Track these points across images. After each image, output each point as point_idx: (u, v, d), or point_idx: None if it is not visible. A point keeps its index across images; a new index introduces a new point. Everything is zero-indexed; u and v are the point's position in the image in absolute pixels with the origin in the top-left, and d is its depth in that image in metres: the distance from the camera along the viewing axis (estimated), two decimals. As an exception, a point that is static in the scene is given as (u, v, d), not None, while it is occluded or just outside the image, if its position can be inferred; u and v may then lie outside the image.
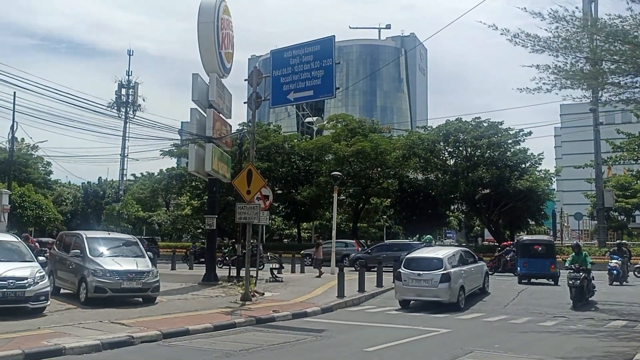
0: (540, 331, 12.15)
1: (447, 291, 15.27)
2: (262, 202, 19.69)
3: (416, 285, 15.65)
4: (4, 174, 38.94)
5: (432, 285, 15.39)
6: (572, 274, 15.56)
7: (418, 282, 15.62)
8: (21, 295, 11.96)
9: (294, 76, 17.01)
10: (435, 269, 15.54)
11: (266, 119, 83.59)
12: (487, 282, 19.20)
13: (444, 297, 15.33)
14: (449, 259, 16.11)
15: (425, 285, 15.51)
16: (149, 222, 59.98)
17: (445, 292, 15.28)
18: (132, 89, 67.58)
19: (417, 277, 15.62)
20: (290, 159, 47.12)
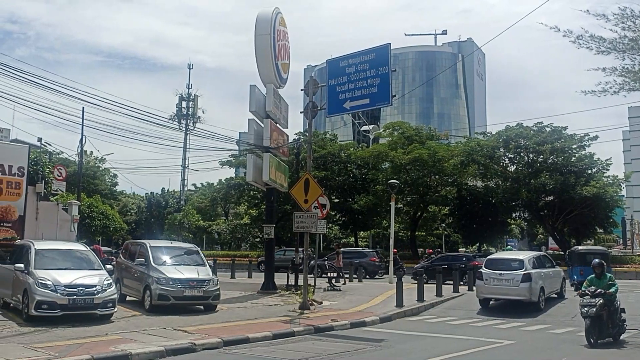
0: (611, 346, 11.56)
1: (528, 290, 15.96)
2: (319, 210, 19.75)
3: (497, 284, 16.39)
4: (73, 186, 40.72)
5: (513, 285, 16.12)
6: (586, 301, 11.37)
7: (499, 281, 16.34)
8: (90, 302, 12.43)
9: (349, 85, 17.03)
10: (517, 269, 16.33)
11: (322, 128, 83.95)
12: (565, 287, 19.59)
13: (525, 296, 15.98)
14: (530, 261, 16.84)
15: (506, 285, 16.25)
16: (209, 231, 61.25)
17: (526, 291, 15.96)
18: (192, 102, 69.58)
19: (498, 276, 16.37)
20: (347, 167, 47.12)
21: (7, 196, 25.95)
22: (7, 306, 14.04)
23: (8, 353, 8.78)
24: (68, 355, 8.81)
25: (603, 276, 11.75)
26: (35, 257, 13.10)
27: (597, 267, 11.83)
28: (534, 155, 37.71)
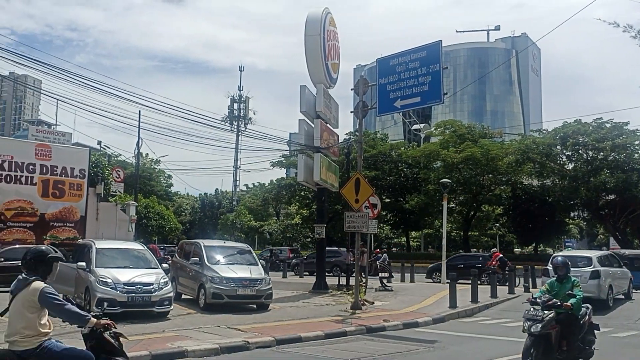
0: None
1: (596, 287, 15.85)
2: (370, 210, 19.66)
3: None
4: (131, 187, 42.06)
5: (581, 282, 15.47)
6: (531, 313, 8.32)
7: None
8: (147, 300, 12.79)
9: (400, 83, 16.88)
10: (585, 267, 16.20)
11: (372, 128, 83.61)
12: (632, 287, 19.31)
13: (594, 293, 15.67)
14: (598, 258, 16.74)
15: None
16: (261, 231, 62.07)
17: (595, 288, 15.82)
18: (244, 103, 70.54)
19: None
20: (398, 167, 46.80)
21: (69, 197, 27.09)
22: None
23: (71, 348, 9.13)
24: (127, 350, 9.03)
25: (566, 280, 8.74)
26: (96, 255, 13.57)
27: (560, 267, 8.73)
28: (594, 152, 36.43)
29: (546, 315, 8.16)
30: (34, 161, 26.06)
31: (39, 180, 26.10)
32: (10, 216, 25.31)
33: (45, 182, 26.30)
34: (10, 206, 25.29)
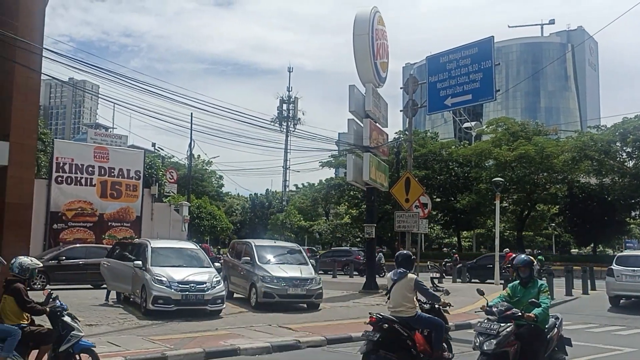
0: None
1: None
2: (420, 210, 19.44)
3: (630, 281, 16.00)
4: (184, 188, 43.06)
5: None
6: (484, 325, 6.89)
7: (632, 277, 15.93)
8: (201, 298, 13.04)
9: (450, 81, 16.67)
10: None
11: (422, 127, 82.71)
12: None
13: None
14: None
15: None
16: (310, 231, 62.35)
17: None
18: (293, 104, 71.14)
19: (631, 273, 15.94)
20: (448, 166, 46.12)
21: (125, 198, 27.99)
22: (128, 300, 15.07)
23: (129, 344, 9.42)
24: (182, 347, 9.29)
25: (531, 284, 7.17)
26: (151, 255, 13.94)
27: (523, 267, 7.23)
28: (656, 148, 34.86)
29: (503, 329, 6.59)
30: (93, 163, 27.07)
31: (97, 182, 27.09)
32: (71, 216, 26.37)
33: (103, 184, 27.28)
34: (71, 207, 26.36)
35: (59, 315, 6.83)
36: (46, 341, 6.72)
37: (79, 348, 6.92)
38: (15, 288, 6.82)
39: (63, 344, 6.77)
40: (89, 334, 10.40)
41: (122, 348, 9.05)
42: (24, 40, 13.81)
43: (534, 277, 7.30)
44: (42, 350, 6.70)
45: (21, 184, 14.67)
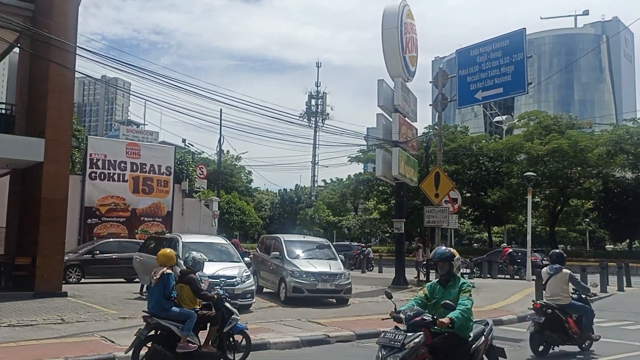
0: None
1: None
2: (450, 205, 19.26)
3: None
4: (213, 183, 43.47)
5: None
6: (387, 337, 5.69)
7: None
8: (231, 293, 13.11)
9: (481, 74, 16.44)
10: None
11: (452, 121, 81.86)
12: None
13: None
14: None
15: None
16: (339, 226, 62.35)
17: None
18: (321, 99, 71.13)
19: None
20: (479, 160, 45.54)
21: (157, 193, 28.42)
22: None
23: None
24: (213, 341, 9.40)
25: (451, 283, 6.04)
26: (182, 249, 14.11)
27: (441, 262, 6.10)
28: (695, 142, 33.83)
29: (409, 340, 5.32)
30: (125, 159, 27.56)
31: (129, 177, 27.58)
32: (105, 211, 26.89)
33: (135, 179, 27.75)
34: (105, 202, 26.90)
35: (223, 301, 8.07)
36: (214, 323, 7.94)
37: (237, 330, 8.23)
38: (191, 278, 7.96)
39: (226, 326, 8.00)
40: (121, 326, 10.63)
41: (155, 341, 9.18)
42: (59, 39, 14.10)
43: (454, 274, 6.00)
44: (211, 331, 7.89)
45: (56, 180, 15.04)
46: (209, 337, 7.87)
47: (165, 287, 7.64)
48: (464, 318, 5.63)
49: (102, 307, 13.09)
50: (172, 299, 7.70)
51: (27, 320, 10.80)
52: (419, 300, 6.09)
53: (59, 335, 9.58)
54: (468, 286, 5.99)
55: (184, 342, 7.43)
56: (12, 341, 8.90)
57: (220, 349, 7.92)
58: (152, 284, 7.77)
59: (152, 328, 7.50)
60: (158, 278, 7.68)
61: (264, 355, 9.09)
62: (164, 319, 7.50)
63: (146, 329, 7.49)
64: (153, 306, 7.63)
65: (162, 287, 7.64)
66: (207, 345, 7.79)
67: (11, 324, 10.38)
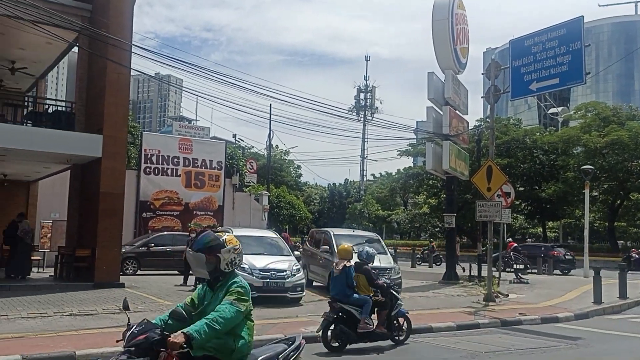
0: None
1: None
2: (503, 199, 18.83)
3: None
4: (263, 178, 43.98)
5: None
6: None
7: None
8: (281, 286, 13.31)
9: (536, 65, 15.91)
10: None
11: (504, 113, 79.95)
12: None
13: None
14: None
15: None
16: (388, 220, 61.97)
17: None
18: (370, 93, 70.72)
19: None
20: (533, 153, 44.34)
21: (208, 188, 29.00)
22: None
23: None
24: (264, 333, 9.52)
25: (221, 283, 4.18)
26: (234, 243, 14.33)
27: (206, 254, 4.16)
28: None
29: None
30: (178, 154, 28.23)
31: (182, 172, 28.24)
32: (159, 205, 27.65)
33: (187, 174, 28.40)
34: (159, 196, 27.65)
35: (389, 289, 9.42)
36: (384, 307, 9.27)
37: (400, 314, 9.52)
38: (365, 269, 9.38)
39: (393, 310, 9.34)
40: (177, 317, 10.90)
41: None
42: (116, 37, 14.54)
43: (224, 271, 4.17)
44: (382, 314, 9.24)
45: (114, 175, 15.56)
46: (380, 319, 9.22)
47: (347, 276, 9.03)
48: (209, 333, 3.73)
49: (158, 298, 13.48)
50: (352, 287, 9.04)
51: (87, 309, 11.24)
52: (183, 306, 4.23)
53: (117, 324, 9.92)
54: (239, 286, 4.08)
55: (363, 323, 8.80)
56: (74, 329, 9.28)
57: (388, 330, 9.29)
58: (335, 274, 9.20)
59: (336, 311, 8.88)
60: (340, 269, 9.08)
61: (315, 347, 9.15)
62: (346, 303, 8.89)
63: (332, 312, 8.88)
64: (337, 292, 9.07)
65: (344, 277, 9.03)
66: (379, 326, 9.16)
67: (73, 313, 10.82)
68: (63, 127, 16.00)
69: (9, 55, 18.75)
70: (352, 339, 8.85)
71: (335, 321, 8.85)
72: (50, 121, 16.57)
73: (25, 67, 19.62)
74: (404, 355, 9.01)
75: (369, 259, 9.59)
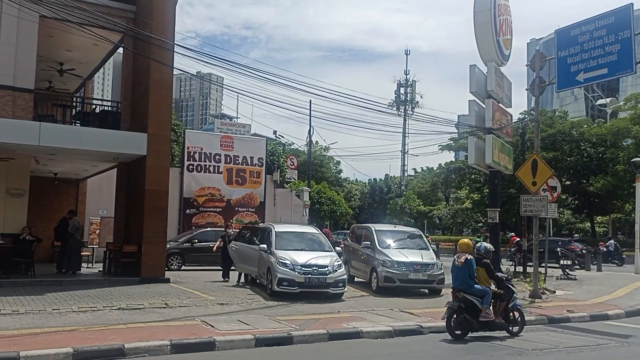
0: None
1: None
2: (549, 193, 18.39)
3: None
4: (304, 174, 44.11)
5: None
6: None
7: None
8: (323, 281, 13.34)
9: (583, 55, 15.42)
10: None
11: (549, 106, 77.98)
12: None
13: None
14: None
15: None
16: (430, 216, 61.32)
17: None
18: (410, 87, 70.09)
19: None
20: (580, 146, 43.10)
21: (250, 184, 29.30)
22: (254, 282, 15.81)
23: (257, 323, 9.89)
24: (307, 329, 9.58)
25: None
26: (275, 238, 14.47)
27: None
28: None
29: None
30: (219, 152, 28.63)
31: (224, 169, 28.64)
32: (202, 202, 28.11)
33: (229, 171, 28.77)
34: (202, 193, 28.12)
35: (507, 281, 10.18)
36: (502, 299, 9.82)
37: (515, 307, 10.08)
38: (485, 263, 10.01)
39: (510, 302, 9.93)
40: (220, 312, 11.08)
41: (251, 327, 9.51)
42: (159, 37, 14.82)
43: None
44: (500, 306, 9.82)
45: (158, 172, 15.90)
46: (498, 310, 9.80)
47: (469, 268, 9.66)
48: None
49: (202, 293, 13.71)
50: (474, 278, 9.68)
51: (134, 304, 11.53)
52: None
53: (163, 318, 10.14)
54: None
55: (484, 313, 9.50)
56: (122, 323, 9.53)
57: (505, 321, 9.87)
58: (457, 265, 9.76)
59: (459, 301, 9.53)
60: (463, 262, 9.69)
61: (357, 343, 9.15)
62: (469, 294, 9.55)
63: (456, 302, 9.57)
64: (459, 283, 9.69)
65: (466, 268, 9.65)
66: (497, 316, 9.75)
67: (121, 307, 11.12)
68: (109, 127, 16.43)
69: (57, 57, 19.38)
70: (474, 327, 9.46)
71: (458, 310, 9.47)
72: (97, 121, 17.05)
73: (73, 69, 20.25)
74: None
75: (487, 254, 10.24)
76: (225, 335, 8.72)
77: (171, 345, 8.03)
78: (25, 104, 15.21)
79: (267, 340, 8.77)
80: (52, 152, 15.38)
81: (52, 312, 10.37)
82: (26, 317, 9.85)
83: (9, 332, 8.45)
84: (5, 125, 13.70)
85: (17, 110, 15.00)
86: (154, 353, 7.83)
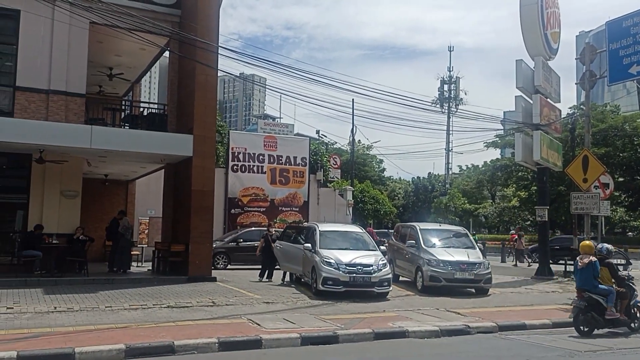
0: None
1: None
2: (601, 190, 17.80)
3: None
4: (347, 173, 44.09)
5: None
6: None
7: None
8: (368, 280, 13.30)
9: (636, 47, 14.95)
10: None
11: (600, 100, 75.60)
12: None
13: None
14: None
15: None
16: (475, 214, 60.30)
17: None
18: (454, 84, 69.12)
19: None
20: (633, 141, 41.61)
21: (293, 184, 29.48)
22: (299, 281, 15.89)
23: (303, 322, 9.94)
24: (352, 328, 9.57)
25: None
26: (319, 238, 14.51)
27: None
28: None
29: None
30: (263, 152, 28.91)
31: (267, 169, 28.90)
32: (247, 202, 28.46)
33: (273, 171, 29.02)
34: (246, 193, 28.47)
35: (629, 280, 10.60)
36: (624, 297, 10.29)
37: (635, 304, 10.53)
38: (609, 263, 10.60)
39: (632, 300, 10.42)
40: (266, 310, 11.19)
41: (297, 325, 9.56)
42: (203, 40, 15.09)
43: None
44: (623, 304, 10.30)
45: (204, 173, 16.18)
46: (621, 308, 10.29)
47: (594, 269, 10.09)
48: None
49: (248, 291, 13.88)
50: (597, 278, 10.12)
51: (183, 302, 11.77)
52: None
53: (211, 316, 10.32)
54: None
55: (610, 311, 9.94)
56: (171, 321, 9.74)
57: (628, 318, 10.37)
58: (580, 267, 10.23)
59: (585, 300, 9.97)
60: (586, 262, 10.13)
61: (403, 343, 9.08)
62: (594, 293, 10.00)
63: (582, 301, 10.01)
64: (584, 283, 10.15)
65: (591, 269, 10.09)
66: (621, 314, 10.22)
67: (170, 305, 11.37)
68: (157, 129, 16.81)
69: (107, 62, 19.97)
70: (600, 325, 9.91)
71: (585, 309, 9.91)
72: (145, 123, 17.48)
73: (121, 73, 20.84)
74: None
75: (608, 254, 10.75)
76: (271, 334, 8.80)
77: (219, 342, 8.15)
78: (77, 108, 15.74)
79: (312, 339, 8.80)
80: (103, 154, 15.85)
81: (104, 310, 10.70)
82: (80, 314, 10.19)
83: (64, 329, 8.75)
84: (59, 129, 14.21)
85: (70, 115, 15.54)
86: (203, 350, 7.97)
